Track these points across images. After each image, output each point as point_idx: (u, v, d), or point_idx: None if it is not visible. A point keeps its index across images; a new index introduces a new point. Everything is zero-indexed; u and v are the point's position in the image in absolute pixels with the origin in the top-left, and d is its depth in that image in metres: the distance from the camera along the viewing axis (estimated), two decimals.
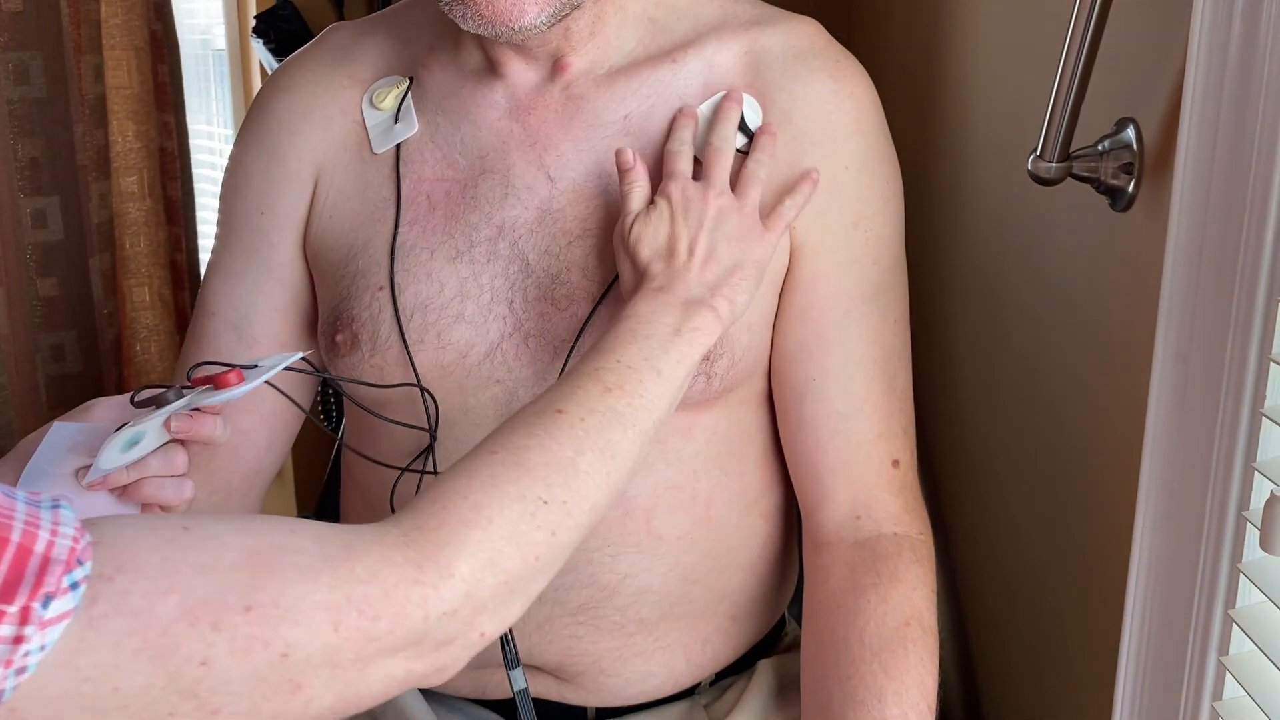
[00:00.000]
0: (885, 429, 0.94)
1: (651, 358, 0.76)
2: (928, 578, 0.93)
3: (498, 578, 0.64)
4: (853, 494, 0.94)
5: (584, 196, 0.91)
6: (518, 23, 0.84)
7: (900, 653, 0.88)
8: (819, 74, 0.92)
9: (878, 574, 0.91)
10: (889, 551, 0.92)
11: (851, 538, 0.93)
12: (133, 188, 1.56)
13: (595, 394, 0.73)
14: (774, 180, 0.90)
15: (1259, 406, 0.72)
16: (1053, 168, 0.91)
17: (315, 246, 0.97)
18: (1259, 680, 0.74)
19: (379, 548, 0.61)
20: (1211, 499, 0.76)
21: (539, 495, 0.67)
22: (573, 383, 0.74)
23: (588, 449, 0.70)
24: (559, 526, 0.67)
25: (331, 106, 0.97)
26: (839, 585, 0.92)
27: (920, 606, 0.90)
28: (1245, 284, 0.72)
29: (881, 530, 0.93)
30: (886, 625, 0.89)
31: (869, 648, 0.88)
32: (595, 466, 0.70)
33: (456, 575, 0.62)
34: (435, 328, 0.90)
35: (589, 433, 0.71)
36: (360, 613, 0.59)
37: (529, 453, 0.68)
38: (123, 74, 1.52)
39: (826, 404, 0.93)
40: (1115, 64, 0.90)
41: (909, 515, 0.94)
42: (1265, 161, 0.70)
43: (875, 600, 0.90)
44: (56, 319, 1.39)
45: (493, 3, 0.83)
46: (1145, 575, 0.84)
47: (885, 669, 0.87)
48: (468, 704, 1.02)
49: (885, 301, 0.94)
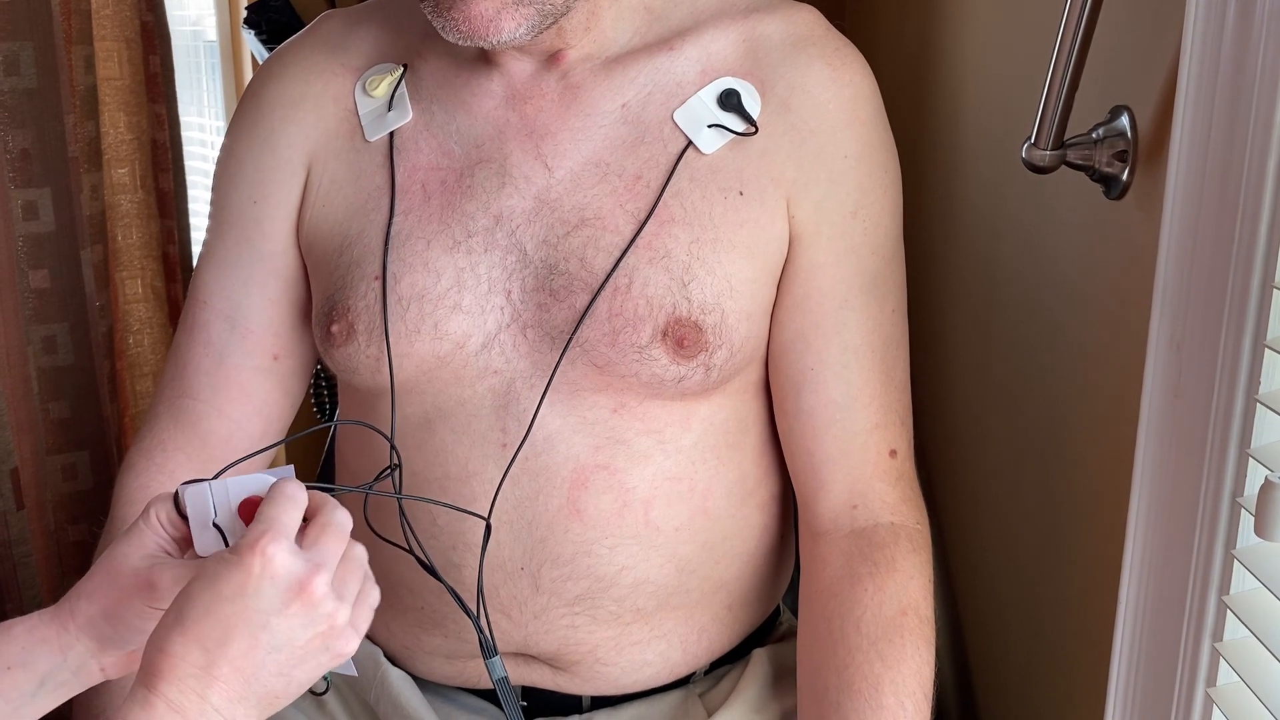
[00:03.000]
0: (882, 419, 0.94)
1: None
2: (924, 567, 0.93)
3: None
4: (849, 483, 0.94)
5: (582, 186, 0.90)
6: (494, 38, 0.84)
7: (897, 641, 0.88)
8: (817, 62, 0.92)
9: (874, 563, 0.91)
10: (885, 541, 0.92)
11: (848, 527, 0.93)
12: (124, 179, 1.55)
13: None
14: (773, 167, 0.90)
15: (1253, 392, 0.73)
16: (1047, 155, 0.91)
17: (309, 236, 0.97)
18: (1253, 666, 0.75)
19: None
20: (1206, 485, 0.76)
21: None
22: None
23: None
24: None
25: (324, 95, 0.97)
26: (835, 574, 0.92)
27: (917, 596, 0.91)
28: (1240, 271, 0.72)
29: (878, 520, 0.93)
30: (883, 614, 0.89)
31: (865, 637, 0.88)
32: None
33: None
34: (432, 318, 0.90)
35: None
36: None
37: None
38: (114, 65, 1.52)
39: (824, 393, 0.93)
40: (1109, 51, 0.91)
41: (906, 505, 0.94)
42: (1259, 149, 0.70)
43: (872, 589, 0.90)
44: (48, 311, 1.38)
45: (469, 19, 0.83)
46: (1140, 561, 0.84)
47: (882, 658, 0.87)
48: (462, 693, 1.02)
49: (883, 291, 0.94)
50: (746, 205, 0.90)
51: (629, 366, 0.88)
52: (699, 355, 0.89)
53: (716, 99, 0.91)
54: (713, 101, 0.91)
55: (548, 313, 0.89)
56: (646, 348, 0.88)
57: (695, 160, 0.90)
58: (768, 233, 0.90)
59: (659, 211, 0.89)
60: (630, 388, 0.90)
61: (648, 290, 0.88)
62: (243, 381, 0.99)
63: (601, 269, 0.88)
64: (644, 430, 0.91)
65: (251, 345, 0.98)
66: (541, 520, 0.91)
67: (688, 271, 0.88)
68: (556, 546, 0.92)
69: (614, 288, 0.88)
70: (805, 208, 0.91)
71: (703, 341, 0.88)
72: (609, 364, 0.88)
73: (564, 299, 0.89)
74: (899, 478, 0.95)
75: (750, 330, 0.91)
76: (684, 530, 0.94)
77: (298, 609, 0.64)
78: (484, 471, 0.91)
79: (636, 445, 0.91)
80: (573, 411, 0.90)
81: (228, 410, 0.99)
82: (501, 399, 0.91)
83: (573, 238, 0.89)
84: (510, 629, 0.94)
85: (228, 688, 0.63)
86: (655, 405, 0.91)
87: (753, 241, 0.90)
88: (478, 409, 0.91)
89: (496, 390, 0.91)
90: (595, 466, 0.91)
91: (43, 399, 1.38)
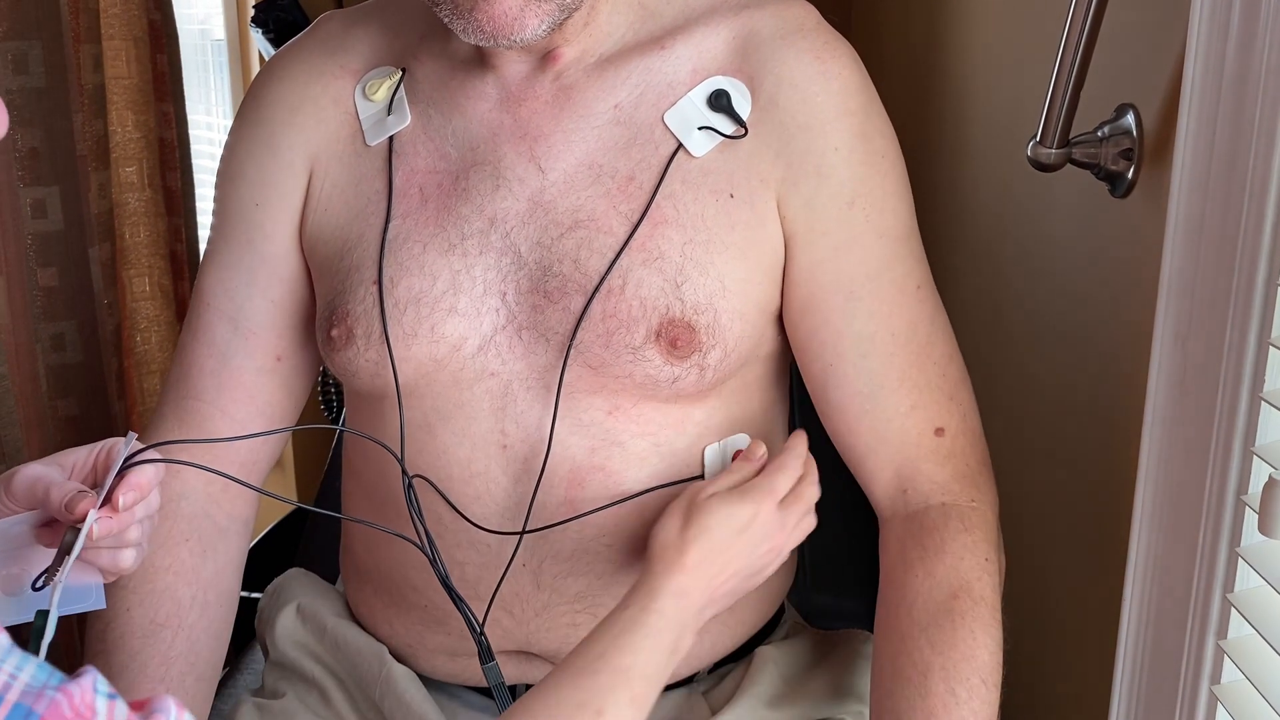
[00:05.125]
0: (919, 399, 0.93)
1: (662, 670, 0.80)
2: (978, 545, 0.90)
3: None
4: (895, 469, 0.93)
5: (575, 188, 0.90)
6: (519, 35, 0.84)
7: (947, 626, 0.87)
8: (805, 55, 0.91)
9: (923, 548, 0.90)
10: (935, 524, 0.91)
11: (903, 511, 0.93)
12: (132, 178, 1.55)
13: (624, 702, 0.76)
14: (761, 168, 0.90)
15: (1258, 391, 0.73)
16: (1052, 154, 0.91)
17: (311, 240, 0.97)
18: (1257, 664, 0.75)
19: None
20: (1210, 483, 0.76)
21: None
22: (603, 681, 0.76)
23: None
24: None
25: (324, 97, 0.97)
26: (892, 561, 0.92)
27: (969, 576, 0.89)
28: (1245, 269, 0.72)
29: (929, 502, 0.92)
30: (934, 599, 0.88)
31: (917, 623, 0.88)
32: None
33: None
34: (429, 321, 0.90)
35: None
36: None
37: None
38: (122, 64, 1.52)
39: (848, 387, 0.93)
40: (1115, 50, 0.91)
41: (959, 483, 0.93)
42: (1264, 147, 0.70)
43: (922, 575, 0.89)
44: (56, 309, 1.39)
45: (493, 18, 0.83)
46: (1144, 559, 0.84)
47: (932, 644, 0.86)
48: (466, 690, 1.02)
49: (899, 273, 0.93)
50: (737, 207, 0.90)
51: (623, 367, 0.88)
52: (692, 355, 0.88)
53: (706, 100, 0.90)
54: (702, 103, 0.90)
55: (542, 314, 0.89)
56: (640, 348, 0.88)
57: (686, 162, 0.90)
58: (760, 234, 0.90)
59: (652, 213, 0.89)
60: (625, 389, 0.90)
61: (641, 291, 0.88)
62: (246, 383, 0.99)
63: (595, 270, 0.88)
64: (639, 433, 0.91)
65: (254, 346, 0.99)
66: (539, 518, 0.91)
67: (680, 272, 0.88)
68: (556, 544, 0.92)
69: (608, 289, 0.88)
70: (795, 206, 0.90)
71: (696, 342, 0.88)
72: (603, 365, 0.88)
73: (558, 300, 0.89)
74: (949, 455, 0.93)
75: (744, 330, 0.91)
76: None
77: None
78: (487, 473, 0.92)
79: (632, 448, 0.91)
80: (568, 413, 0.90)
81: (231, 411, 0.99)
82: (499, 401, 0.91)
83: (566, 239, 0.89)
84: (513, 626, 0.95)
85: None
86: (650, 408, 0.91)
87: (745, 242, 0.90)
88: (476, 411, 0.91)
89: (494, 392, 0.91)
90: (591, 468, 0.91)
91: (51, 396, 1.39)
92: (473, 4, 0.83)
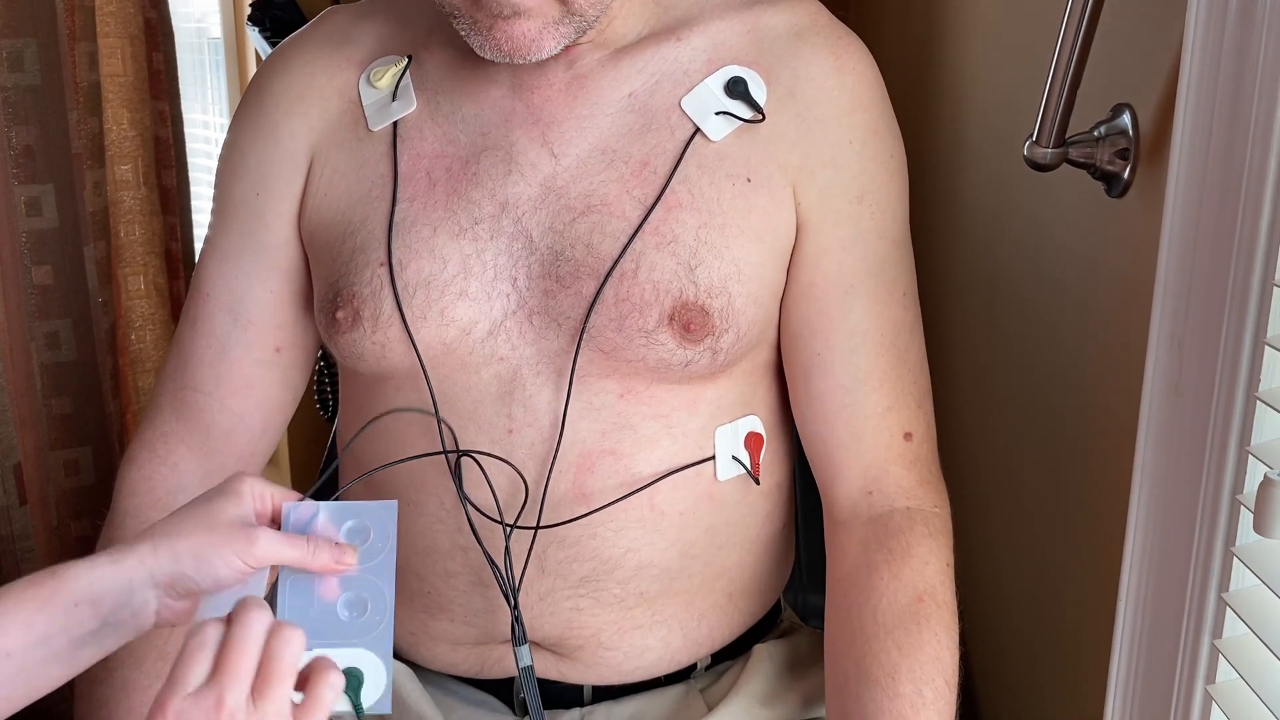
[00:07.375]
0: (894, 402, 0.94)
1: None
2: (941, 551, 0.92)
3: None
4: (863, 468, 0.94)
5: (588, 173, 0.91)
6: (536, 56, 0.86)
7: (914, 629, 0.88)
8: (821, 51, 0.93)
9: (889, 550, 0.91)
10: (901, 527, 0.92)
11: (865, 514, 0.93)
12: (127, 176, 1.55)
13: None
14: (780, 154, 0.91)
15: (1253, 390, 0.73)
16: (1048, 153, 0.91)
17: (310, 225, 0.97)
18: (1252, 663, 0.75)
19: None
20: (1205, 482, 0.76)
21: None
22: None
23: None
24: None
25: (329, 88, 0.97)
26: (854, 563, 0.92)
27: (934, 581, 0.90)
28: (1240, 269, 0.72)
29: (894, 505, 0.93)
30: (899, 602, 0.89)
31: (882, 626, 0.88)
32: None
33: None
34: (438, 304, 0.91)
35: None
36: None
37: None
38: (117, 62, 1.52)
39: (833, 379, 0.93)
40: (1111, 49, 0.91)
41: (923, 488, 0.94)
42: (1260, 147, 0.70)
43: (887, 577, 0.90)
44: (51, 307, 1.39)
45: (512, 38, 0.84)
46: (1139, 558, 0.84)
47: (899, 646, 0.87)
48: (463, 685, 1.02)
49: (891, 275, 0.94)
50: (754, 192, 0.90)
51: (636, 351, 0.89)
52: (705, 339, 0.89)
53: (723, 86, 0.91)
54: (719, 89, 0.91)
55: (553, 299, 0.90)
56: (653, 332, 0.88)
57: (703, 147, 0.90)
58: (775, 219, 0.91)
59: (666, 197, 0.89)
60: (637, 372, 0.90)
61: (654, 275, 0.88)
62: (245, 374, 0.99)
63: (608, 255, 0.89)
64: (651, 415, 0.92)
65: (253, 338, 0.99)
66: (547, 503, 0.91)
67: (694, 256, 0.89)
68: (563, 529, 0.92)
69: (620, 273, 0.88)
70: (811, 194, 0.91)
71: (709, 325, 0.89)
72: (616, 349, 0.89)
73: (570, 285, 0.89)
74: (915, 460, 0.94)
75: (757, 314, 0.91)
76: (689, 514, 0.95)
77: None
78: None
79: (643, 430, 0.92)
80: (579, 397, 0.90)
81: (229, 403, 0.99)
82: (507, 385, 0.91)
83: (579, 224, 0.90)
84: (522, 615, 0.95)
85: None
86: (662, 389, 0.91)
87: (761, 227, 0.91)
88: (483, 395, 0.92)
89: (502, 377, 0.91)
90: (602, 452, 0.91)
91: (45, 395, 1.39)
92: (491, 23, 0.84)
